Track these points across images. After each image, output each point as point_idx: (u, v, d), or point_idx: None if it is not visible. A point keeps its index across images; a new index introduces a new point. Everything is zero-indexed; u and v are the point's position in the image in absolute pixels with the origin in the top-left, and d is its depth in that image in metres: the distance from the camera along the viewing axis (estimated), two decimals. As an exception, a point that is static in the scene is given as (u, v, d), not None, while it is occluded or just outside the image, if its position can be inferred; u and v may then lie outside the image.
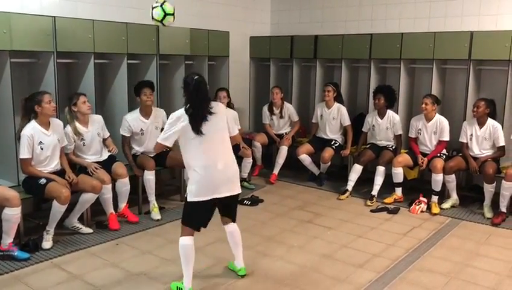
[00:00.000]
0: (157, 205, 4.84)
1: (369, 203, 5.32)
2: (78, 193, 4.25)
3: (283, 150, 6.18)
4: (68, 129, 4.38)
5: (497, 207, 4.84)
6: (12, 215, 3.69)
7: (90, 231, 4.36)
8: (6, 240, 3.76)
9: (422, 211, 5.08)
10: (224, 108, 3.49)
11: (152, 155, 4.88)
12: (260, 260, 3.89)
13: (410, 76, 6.01)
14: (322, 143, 6.06)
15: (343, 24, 6.65)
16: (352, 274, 3.66)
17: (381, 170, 5.42)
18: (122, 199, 4.64)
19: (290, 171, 6.37)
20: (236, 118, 5.82)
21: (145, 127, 4.91)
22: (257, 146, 6.30)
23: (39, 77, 4.49)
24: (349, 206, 5.30)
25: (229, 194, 3.26)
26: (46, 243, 4.00)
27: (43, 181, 3.96)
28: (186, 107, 3.18)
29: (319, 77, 6.52)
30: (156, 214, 4.78)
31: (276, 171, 6.19)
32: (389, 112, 5.62)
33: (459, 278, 3.63)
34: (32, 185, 4.03)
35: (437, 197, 5.11)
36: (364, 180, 5.68)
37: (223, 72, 6.24)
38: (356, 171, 5.58)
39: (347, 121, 5.98)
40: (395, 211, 5.09)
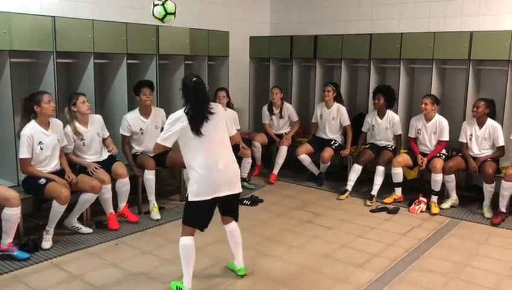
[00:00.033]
0: (157, 205, 4.84)
1: (368, 203, 5.32)
2: (78, 193, 4.24)
3: (283, 150, 6.18)
4: (68, 129, 4.38)
5: (497, 207, 4.84)
6: (12, 215, 3.69)
7: (89, 231, 4.36)
8: (6, 240, 3.76)
9: (421, 211, 5.08)
10: (223, 109, 3.49)
11: (152, 155, 4.88)
12: (260, 260, 3.89)
13: (410, 76, 6.01)
14: (321, 143, 6.06)
15: (342, 24, 6.65)
16: (351, 274, 3.66)
17: (380, 170, 5.42)
18: (122, 199, 4.64)
19: (289, 171, 6.37)
20: (236, 118, 5.84)
21: (145, 127, 4.92)
22: (257, 146, 6.30)
23: (39, 76, 4.49)
24: (348, 206, 5.30)
25: (230, 193, 3.26)
26: (46, 243, 4.00)
27: (42, 181, 3.96)
28: (186, 108, 3.18)
29: (319, 77, 6.51)
30: (155, 214, 4.78)
31: (275, 171, 6.20)
32: (389, 112, 5.63)
33: (459, 278, 3.63)
34: (31, 185, 4.03)
35: (436, 197, 5.12)
36: (364, 180, 5.68)
37: (223, 72, 6.24)
38: (356, 171, 5.58)
39: (347, 121, 5.99)
40: (394, 211, 5.10)
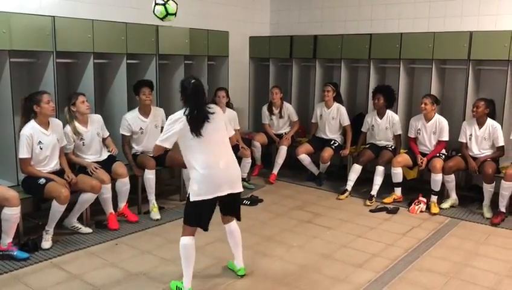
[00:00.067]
0: (156, 205, 4.84)
1: (368, 203, 5.32)
2: (78, 193, 4.24)
3: (282, 150, 6.18)
4: (67, 129, 4.38)
5: (497, 207, 4.84)
6: (12, 215, 3.69)
7: (89, 230, 4.36)
8: (6, 240, 3.76)
9: (421, 211, 5.08)
10: (222, 111, 3.49)
11: (151, 155, 4.88)
12: (260, 259, 3.89)
13: (410, 76, 6.01)
14: (321, 143, 6.06)
15: (342, 24, 6.64)
16: (351, 274, 3.66)
17: (380, 169, 5.42)
18: (122, 199, 4.64)
19: (289, 171, 6.37)
20: (235, 118, 5.83)
21: (145, 126, 4.92)
22: (256, 146, 6.30)
23: (38, 76, 4.48)
24: (348, 206, 5.30)
25: (231, 192, 3.26)
26: (46, 243, 3.99)
27: (42, 181, 3.96)
28: (185, 110, 3.18)
29: (319, 76, 6.51)
30: (155, 213, 4.78)
31: (275, 171, 6.19)
32: (389, 112, 5.63)
33: (458, 278, 3.63)
34: (31, 185, 4.03)
35: (436, 197, 5.12)
36: (364, 180, 5.68)
37: (223, 72, 6.24)
38: (355, 171, 5.58)
39: (346, 121, 5.99)
40: (394, 211, 5.10)
